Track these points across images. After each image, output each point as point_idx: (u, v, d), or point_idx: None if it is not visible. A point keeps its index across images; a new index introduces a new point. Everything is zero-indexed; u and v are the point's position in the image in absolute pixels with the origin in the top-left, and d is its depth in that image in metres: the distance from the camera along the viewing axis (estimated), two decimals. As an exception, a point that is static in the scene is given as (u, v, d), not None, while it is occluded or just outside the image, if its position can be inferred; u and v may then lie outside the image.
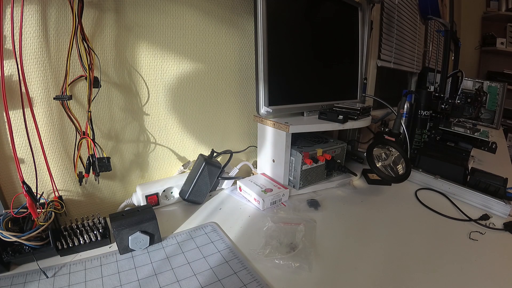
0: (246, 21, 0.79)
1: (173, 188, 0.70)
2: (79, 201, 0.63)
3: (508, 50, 2.66)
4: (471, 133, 1.02)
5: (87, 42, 0.53)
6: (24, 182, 0.47)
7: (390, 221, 0.65)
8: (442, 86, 1.20)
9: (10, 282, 0.44)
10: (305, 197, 0.74)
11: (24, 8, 0.48)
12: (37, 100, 0.54)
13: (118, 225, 0.49)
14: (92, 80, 0.55)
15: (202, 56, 0.74)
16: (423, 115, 0.95)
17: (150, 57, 0.66)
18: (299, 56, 0.79)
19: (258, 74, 0.70)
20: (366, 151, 0.68)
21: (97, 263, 0.49)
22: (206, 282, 0.45)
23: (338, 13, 0.90)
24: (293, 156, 0.74)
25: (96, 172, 0.58)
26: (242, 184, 0.74)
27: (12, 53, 0.46)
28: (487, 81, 1.77)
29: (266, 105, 0.71)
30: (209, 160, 0.69)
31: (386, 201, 0.75)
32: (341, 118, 0.75)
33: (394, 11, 1.42)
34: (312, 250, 0.52)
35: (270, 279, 0.46)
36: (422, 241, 0.58)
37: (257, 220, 0.64)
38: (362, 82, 1.00)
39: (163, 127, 0.72)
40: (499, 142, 1.17)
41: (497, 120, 1.73)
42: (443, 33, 1.22)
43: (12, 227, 0.48)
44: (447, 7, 1.35)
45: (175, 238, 0.56)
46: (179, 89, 0.72)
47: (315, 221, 0.63)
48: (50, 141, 0.57)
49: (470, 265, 0.51)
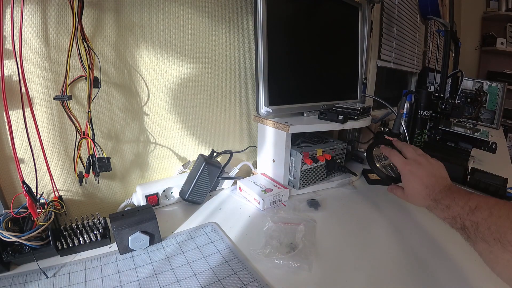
0: (246, 21, 0.79)
1: (173, 188, 0.70)
2: (79, 201, 0.64)
3: (508, 50, 2.66)
4: (471, 133, 1.02)
5: (87, 42, 0.53)
6: (24, 182, 0.47)
7: (390, 221, 0.65)
8: (442, 86, 1.20)
9: (10, 282, 0.44)
10: (305, 197, 0.74)
11: (24, 8, 0.48)
12: (37, 100, 0.54)
13: (118, 225, 0.49)
14: (92, 80, 0.55)
15: (202, 56, 0.74)
16: (423, 115, 0.95)
17: (150, 57, 0.66)
18: (299, 56, 0.79)
19: (258, 74, 0.70)
20: (366, 151, 0.68)
21: (97, 263, 0.49)
22: (206, 282, 0.45)
23: (338, 13, 0.90)
24: (293, 156, 0.74)
25: (96, 172, 0.58)
26: (242, 184, 0.74)
27: (12, 53, 0.46)
28: (487, 81, 1.77)
29: (266, 105, 0.71)
30: (209, 160, 0.69)
31: (386, 201, 0.75)
32: (341, 118, 0.75)
33: (394, 11, 1.42)
34: (312, 250, 0.52)
35: (270, 279, 0.46)
36: (422, 241, 0.58)
37: (257, 220, 0.64)
38: (362, 82, 1.00)
39: (163, 127, 0.72)
40: (499, 142, 1.17)
41: (497, 120, 1.73)
42: (443, 33, 1.22)
43: (12, 227, 0.48)
44: (447, 7, 1.35)
45: (175, 238, 0.56)
46: (179, 89, 0.72)
47: (315, 221, 0.63)
48: (50, 141, 0.57)
49: (470, 265, 0.50)
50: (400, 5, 1.47)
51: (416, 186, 0.51)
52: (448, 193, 0.47)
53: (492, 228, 0.37)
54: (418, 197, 0.51)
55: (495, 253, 0.36)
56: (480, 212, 0.39)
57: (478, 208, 0.40)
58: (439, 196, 0.47)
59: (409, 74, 1.97)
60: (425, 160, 0.54)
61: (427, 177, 0.51)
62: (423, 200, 0.50)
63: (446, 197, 0.46)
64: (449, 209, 0.45)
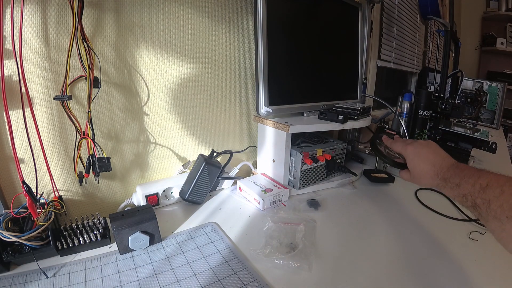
0: (246, 21, 0.79)
1: (173, 188, 0.70)
2: (79, 201, 0.64)
3: (508, 50, 2.66)
4: (471, 133, 1.02)
5: (87, 42, 0.53)
6: (24, 182, 0.47)
7: (390, 221, 0.65)
8: (442, 86, 1.20)
9: (10, 282, 0.44)
10: (305, 197, 0.74)
11: (24, 8, 0.48)
12: (37, 100, 0.54)
13: (118, 225, 0.49)
14: (92, 80, 0.55)
15: (202, 56, 0.74)
16: (423, 115, 0.95)
17: (150, 57, 0.66)
18: (299, 56, 0.79)
19: (258, 74, 0.70)
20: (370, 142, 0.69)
21: (97, 263, 0.49)
22: (206, 282, 0.45)
23: (338, 13, 0.90)
24: (293, 156, 0.74)
25: (96, 172, 0.58)
26: (242, 184, 0.74)
27: (12, 53, 0.46)
28: (487, 81, 1.77)
29: (266, 105, 0.71)
30: (209, 160, 0.69)
31: (386, 201, 0.75)
32: (341, 118, 0.75)
33: (394, 11, 1.42)
34: (312, 250, 0.52)
35: (270, 279, 0.46)
36: (422, 241, 0.58)
37: (257, 220, 0.64)
38: (362, 82, 1.00)
39: (163, 127, 0.72)
40: (499, 142, 1.17)
41: (497, 120, 1.74)
42: (443, 33, 1.22)
43: (12, 227, 0.48)
44: (447, 7, 1.35)
45: (175, 238, 0.56)
46: (179, 89, 0.72)
47: (315, 221, 0.63)
48: (50, 141, 0.57)
49: (470, 265, 0.51)
50: (400, 5, 1.47)
51: (423, 166, 0.51)
52: (457, 171, 0.46)
53: (505, 206, 0.36)
54: (426, 176, 0.51)
55: (507, 231, 0.36)
56: (491, 190, 0.39)
57: (489, 186, 0.40)
58: (448, 175, 0.47)
59: (409, 74, 1.97)
60: (425, 142, 0.54)
61: (433, 155, 0.51)
62: (431, 180, 0.50)
63: (455, 175, 0.45)
64: (459, 187, 0.44)
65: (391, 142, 0.60)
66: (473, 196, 0.41)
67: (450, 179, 0.46)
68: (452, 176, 0.46)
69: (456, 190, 0.44)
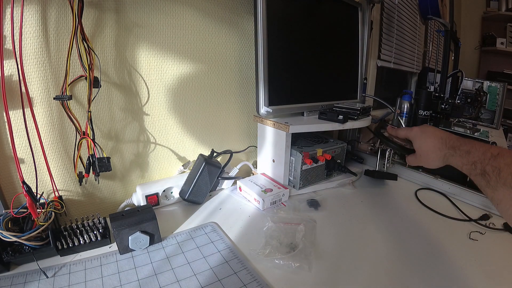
0: (246, 21, 0.79)
1: (173, 188, 0.70)
2: (79, 201, 0.64)
3: (508, 50, 2.66)
4: (471, 133, 1.02)
5: (87, 42, 0.53)
6: (24, 182, 0.47)
7: (390, 221, 0.65)
8: (442, 86, 1.20)
9: (10, 282, 0.44)
10: (305, 197, 0.74)
11: (24, 8, 0.48)
12: (37, 100, 0.54)
13: (118, 225, 0.50)
14: (92, 80, 0.55)
15: (202, 56, 0.74)
16: (423, 115, 0.95)
17: (150, 57, 0.66)
18: (299, 56, 0.79)
19: (258, 74, 0.70)
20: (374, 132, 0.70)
21: (97, 263, 0.49)
22: (206, 282, 0.45)
23: (338, 13, 0.90)
24: (293, 156, 0.74)
25: (96, 172, 0.58)
26: (242, 184, 0.74)
27: (12, 53, 0.46)
28: (487, 81, 1.77)
29: (266, 105, 0.71)
30: (209, 160, 0.69)
31: (386, 201, 0.75)
32: (341, 118, 0.75)
33: (394, 11, 1.42)
34: (312, 250, 0.52)
35: (270, 279, 0.46)
36: (422, 241, 0.58)
37: (257, 220, 0.64)
38: (362, 82, 1.00)
39: (163, 127, 0.72)
40: (499, 142, 1.17)
41: (497, 120, 1.73)
42: (443, 33, 1.22)
43: (12, 227, 0.48)
44: (447, 7, 1.35)
45: (175, 238, 0.56)
46: (179, 89, 0.72)
47: (315, 221, 0.63)
48: (50, 141, 0.57)
49: (470, 265, 0.51)
50: (400, 5, 1.46)
51: (430, 141, 0.52)
52: (466, 141, 0.47)
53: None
54: (434, 149, 0.51)
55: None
56: (502, 158, 0.39)
57: (500, 154, 0.40)
58: (457, 143, 0.48)
59: (409, 74, 1.96)
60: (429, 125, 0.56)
61: (438, 131, 0.52)
62: (439, 151, 0.50)
63: (466, 144, 0.46)
64: (469, 154, 0.44)
65: (396, 130, 0.62)
66: (483, 164, 0.41)
67: (460, 146, 0.47)
68: (462, 144, 0.47)
69: (466, 157, 0.45)
